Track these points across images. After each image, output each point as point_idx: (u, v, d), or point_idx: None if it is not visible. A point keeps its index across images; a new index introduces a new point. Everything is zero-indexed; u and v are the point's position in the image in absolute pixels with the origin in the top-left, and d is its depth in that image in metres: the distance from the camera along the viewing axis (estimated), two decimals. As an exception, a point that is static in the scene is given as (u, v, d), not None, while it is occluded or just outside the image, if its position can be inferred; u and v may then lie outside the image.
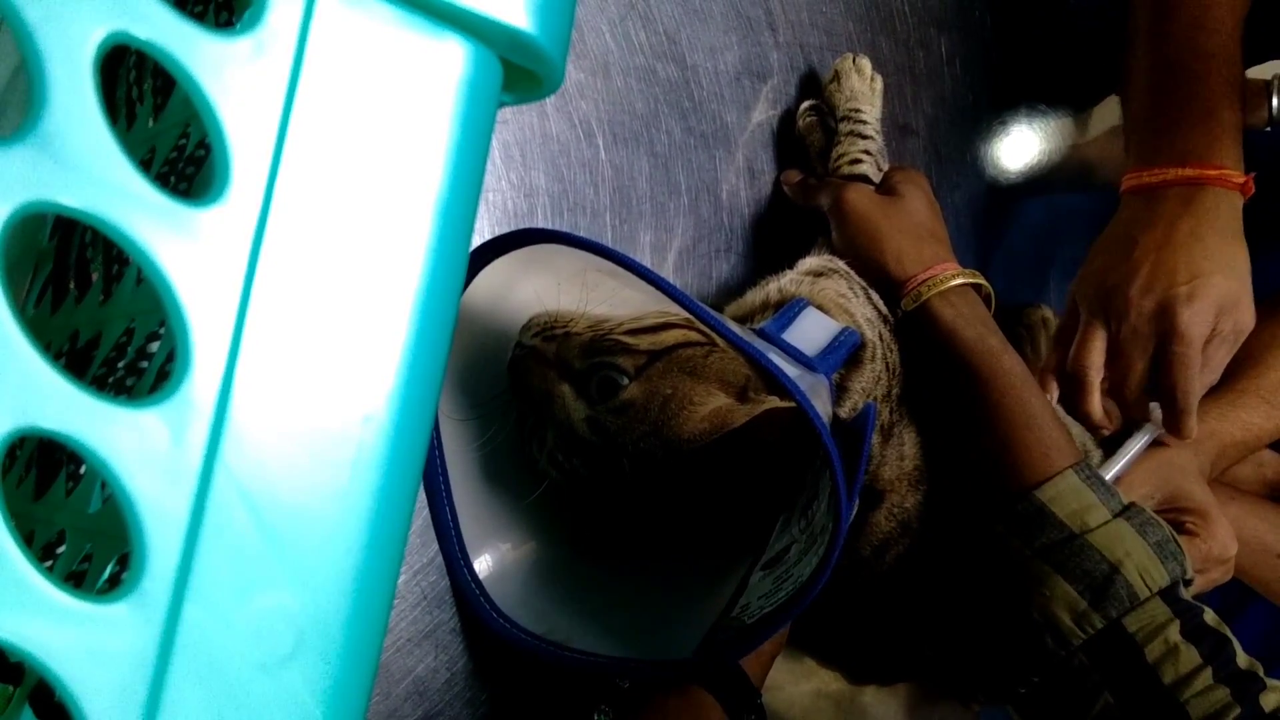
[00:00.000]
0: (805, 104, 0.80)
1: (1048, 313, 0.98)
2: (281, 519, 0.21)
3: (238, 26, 0.21)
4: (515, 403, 0.59)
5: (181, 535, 0.19)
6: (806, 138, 0.80)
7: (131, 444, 0.19)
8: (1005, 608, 0.60)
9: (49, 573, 0.18)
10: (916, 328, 0.67)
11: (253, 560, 0.20)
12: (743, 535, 0.60)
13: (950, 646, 0.66)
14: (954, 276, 0.67)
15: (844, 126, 0.76)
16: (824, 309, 0.66)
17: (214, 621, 0.20)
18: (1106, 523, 0.58)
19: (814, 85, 0.83)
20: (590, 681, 0.58)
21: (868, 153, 0.75)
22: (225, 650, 0.20)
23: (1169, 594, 0.57)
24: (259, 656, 0.20)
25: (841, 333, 0.64)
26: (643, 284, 0.55)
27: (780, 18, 0.81)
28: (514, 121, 0.66)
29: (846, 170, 0.75)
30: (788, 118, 0.81)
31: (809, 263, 0.71)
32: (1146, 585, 0.56)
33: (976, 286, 0.68)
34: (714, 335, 0.57)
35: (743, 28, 0.78)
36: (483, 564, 0.60)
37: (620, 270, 0.56)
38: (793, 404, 0.51)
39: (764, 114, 0.80)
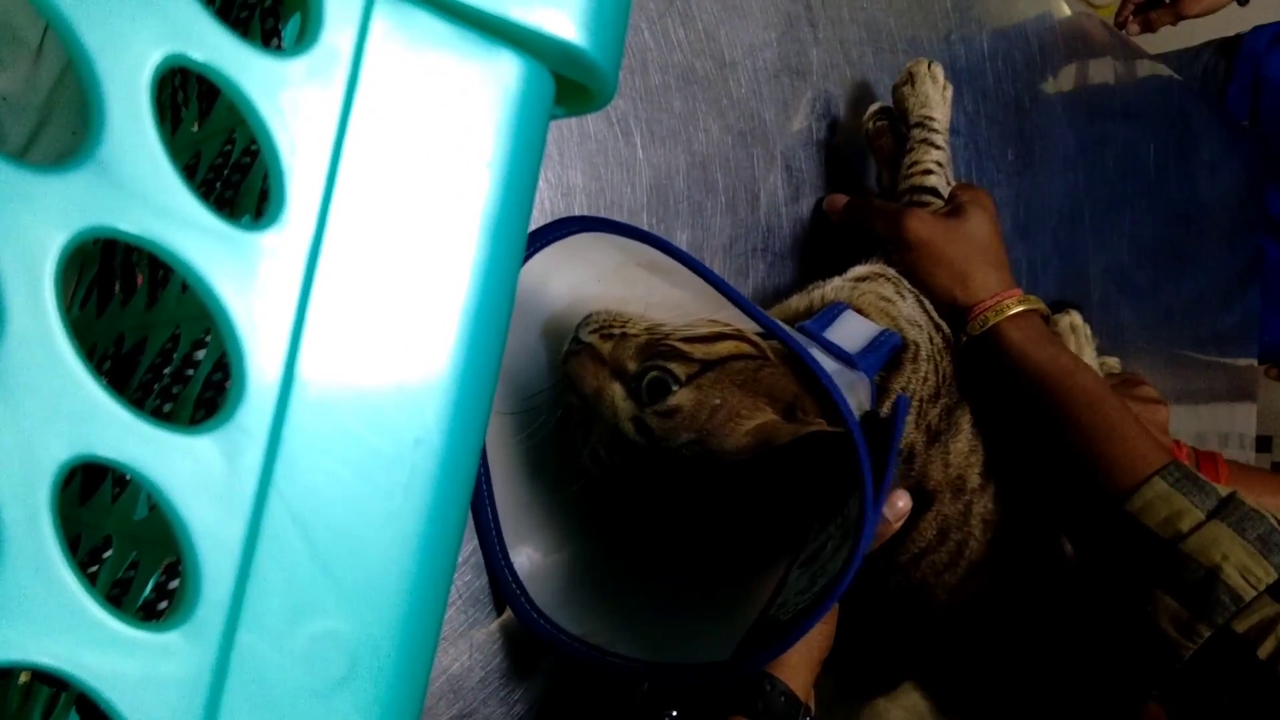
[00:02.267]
0: (874, 107, 0.79)
1: (1077, 319, 0.96)
2: (334, 544, 0.20)
3: (293, 47, 0.20)
4: (561, 397, 0.59)
5: (236, 562, 0.19)
6: (875, 141, 0.78)
7: (186, 471, 0.19)
8: (1111, 626, 0.59)
9: (102, 598, 0.18)
10: (983, 353, 0.67)
11: (305, 586, 0.20)
12: (781, 537, 0.60)
13: (1054, 664, 0.66)
14: (1018, 303, 0.67)
15: (917, 133, 0.75)
16: (864, 312, 0.66)
17: (267, 648, 0.20)
18: (1200, 526, 0.56)
19: (855, 83, 0.82)
20: (633, 712, 0.58)
21: (939, 164, 0.74)
22: (278, 676, 0.20)
23: (1278, 587, 0.55)
24: (312, 683, 0.20)
25: (881, 334, 0.64)
26: (685, 282, 0.55)
27: (820, 14, 0.80)
28: (551, 121, 0.65)
29: (918, 181, 0.73)
30: (829, 118, 0.80)
31: (858, 270, 0.70)
32: (1250, 585, 0.54)
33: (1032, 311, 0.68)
34: (765, 348, 0.56)
35: (782, 24, 0.77)
36: (520, 564, 0.60)
37: (661, 266, 0.56)
38: (840, 429, 0.51)
39: (805, 115, 0.79)
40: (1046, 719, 0.73)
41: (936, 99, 0.76)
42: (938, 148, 0.75)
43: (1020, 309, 0.67)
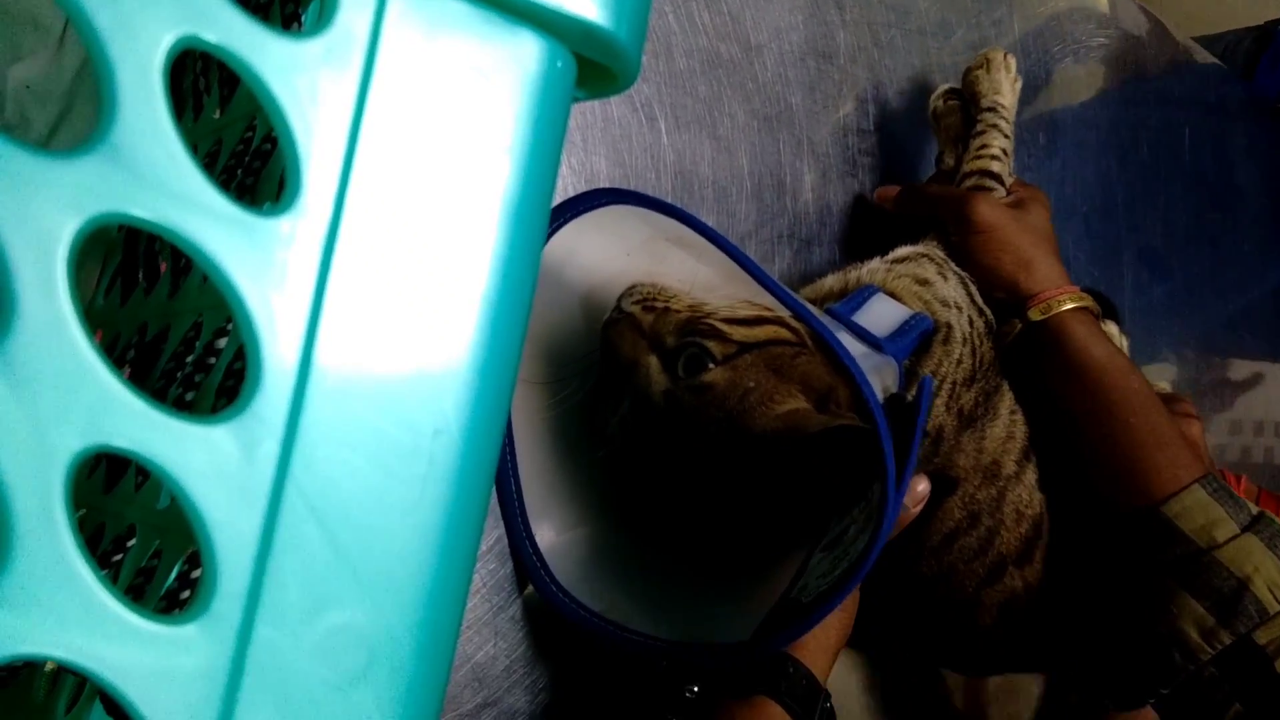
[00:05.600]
0: (943, 87, 0.79)
1: (1113, 329, 0.94)
2: (352, 535, 0.20)
3: (309, 28, 0.20)
4: (592, 368, 0.59)
5: (253, 554, 0.19)
6: (943, 120, 0.78)
7: (203, 461, 0.18)
8: (1132, 622, 0.59)
9: (119, 591, 0.18)
10: (1040, 339, 0.66)
11: (323, 578, 0.20)
12: (803, 521, 0.60)
13: (1070, 655, 0.66)
14: (1079, 298, 0.66)
15: (989, 117, 0.75)
16: (897, 295, 0.65)
17: (285, 640, 0.19)
18: (1235, 537, 0.57)
19: (880, 66, 0.81)
20: (655, 687, 0.58)
21: (1005, 152, 0.74)
22: (296, 670, 0.19)
23: None
24: (330, 675, 0.20)
25: (911, 318, 0.63)
26: (712, 259, 0.55)
27: (848, -4, 0.79)
28: (575, 105, 0.65)
29: (984, 165, 0.73)
30: (857, 102, 0.79)
31: (901, 250, 0.70)
32: (1276, 599, 0.55)
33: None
34: (804, 335, 0.56)
35: (809, 6, 0.76)
36: (542, 539, 0.60)
37: (688, 241, 0.55)
38: (869, 427, 0.50)
39: (832, 99, 0.78)
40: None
41: (1007, 88, 0.76)
42: (1005, 135, 0.74)
43: (1077, 305, 0.66)
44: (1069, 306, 0.66)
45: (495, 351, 0.22)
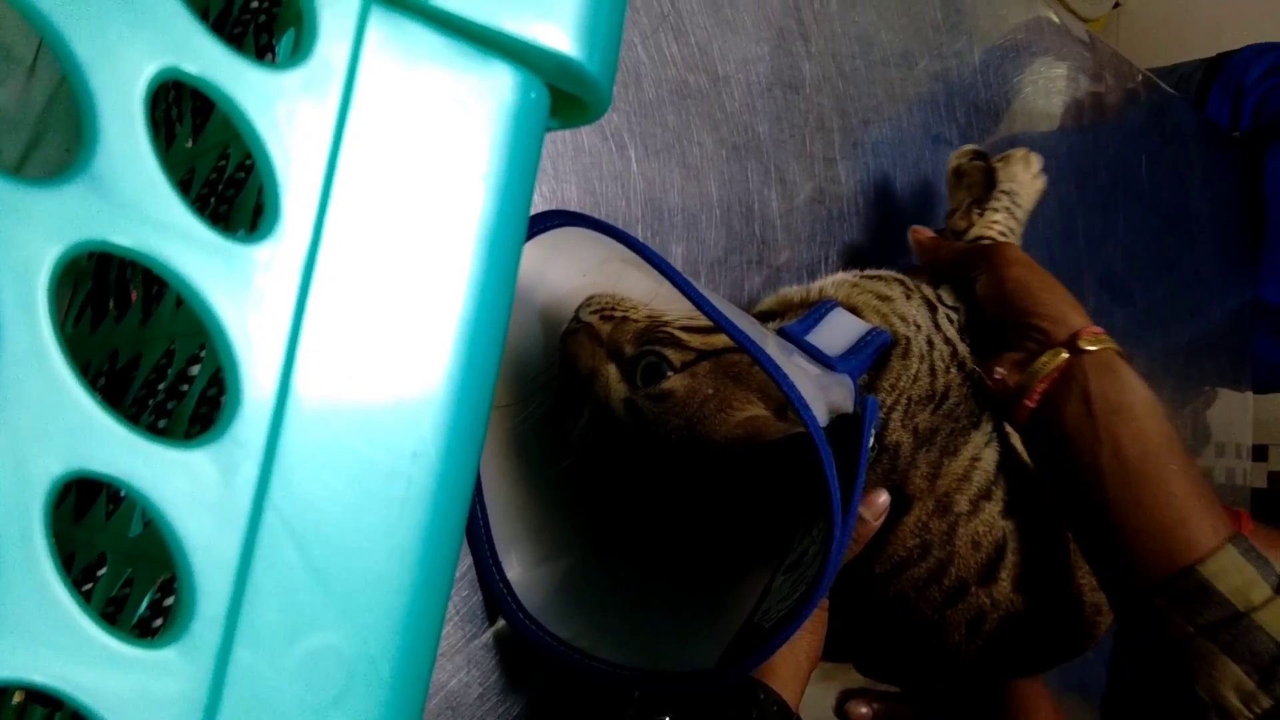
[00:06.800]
0: (968, 148, 0.80)
1: None
2: (330, 558, 0.20)
3: (284, 60, 0.20)
4: (551, 384, 0.59)
5: (231, 577, 0.19)
6: (965, 177, 0.79)
7: (181, 485, 0.18)
8: (1166, 683, 0.59)
9: (97, 614, 0.18)
10: (1085, 372, 0.64)
11: (302, 601, 0.20)
12: (767, 540, 0.60)
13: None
14: (1115, 344, 0.66)
15: (1002, 200, 0.77)
16: (857, 309, 0.65)
17: (264, 664, 0.19)
18: (1270, 600, 0.57)
19: (844, 96, 0.83)
20: (627, 716, 0.58)
21: (1011, 231, 0.76)
22: (275, 693, 0.19)
23: None
24: (309, 699, 0.20)
25: (869, 332, 0.63)
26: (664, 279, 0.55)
27: (813, 28, 0.80)
28: (547, 135, 0.65)
29: (989, 234, 0.75)
30: (822, 131, 0.81)
31: (875, 271, 0.70)
32: None
33: None
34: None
35: (774, 38, 0.78)
36: (511, 567, 0.60)
37: (641, 261, 0.56)
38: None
39: (798, 128, 0.79)
40: None
41: (1024, 179, 0.79)
42: (1017, 220, 0.76)
43: (1117, 349, 0.66)
44: (1114, 346, 0.65)
45: (472, 374, 0.22)
